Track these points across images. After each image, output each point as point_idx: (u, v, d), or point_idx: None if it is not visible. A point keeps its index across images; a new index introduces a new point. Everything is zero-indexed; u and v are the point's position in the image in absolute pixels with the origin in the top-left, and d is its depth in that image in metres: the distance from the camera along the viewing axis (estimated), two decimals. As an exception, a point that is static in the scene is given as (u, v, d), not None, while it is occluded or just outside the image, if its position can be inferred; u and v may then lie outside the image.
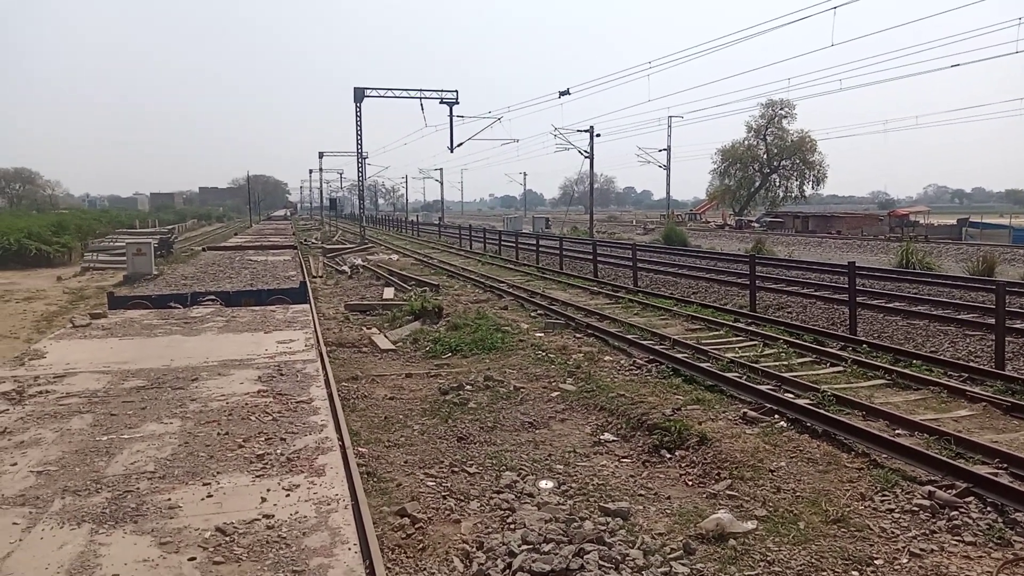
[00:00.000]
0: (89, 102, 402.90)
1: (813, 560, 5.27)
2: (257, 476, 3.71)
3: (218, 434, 4.32)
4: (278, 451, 4.04)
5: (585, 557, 5.13)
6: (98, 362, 6.27)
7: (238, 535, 3.05)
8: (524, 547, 5.31)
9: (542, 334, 14.12)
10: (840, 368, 10.62)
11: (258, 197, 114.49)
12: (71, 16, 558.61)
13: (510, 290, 20.74)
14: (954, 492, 6.07)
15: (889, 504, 6.07)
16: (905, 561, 5.20)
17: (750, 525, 5.78)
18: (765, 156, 73.94)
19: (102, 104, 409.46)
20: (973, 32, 34.25)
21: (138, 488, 3.52)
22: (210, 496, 3.46)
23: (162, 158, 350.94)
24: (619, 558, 5.18)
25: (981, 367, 10.36)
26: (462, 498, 6.52)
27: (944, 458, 6.63)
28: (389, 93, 43.77)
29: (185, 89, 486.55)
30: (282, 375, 5.77)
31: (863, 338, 12.57)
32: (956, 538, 5.46)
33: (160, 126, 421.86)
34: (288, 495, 3.48)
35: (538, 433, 8.41)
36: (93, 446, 4.11)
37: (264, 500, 3.41)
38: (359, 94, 43.63)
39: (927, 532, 5.58)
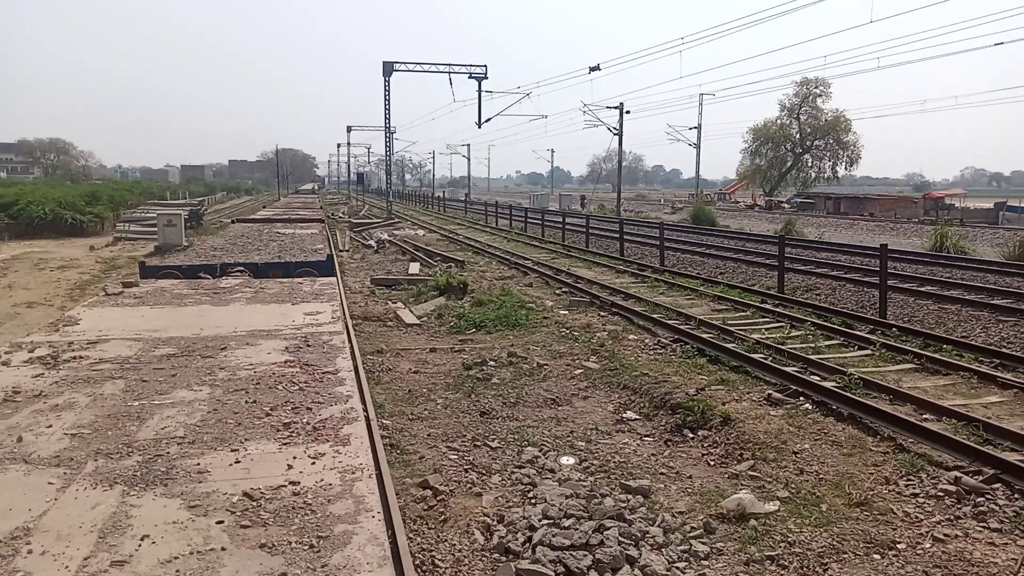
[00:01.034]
0: (123, 77, 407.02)
1: (835, 542, 5.24)
2: (284, 444, 3.77)
3: (246, 402, 4.39)
4: (304, 420, 4.10)
5: (605, 533, 5.15)
6: (130, 330, 6.39)
7: (265, 500, 3.11)
8: (545, 522, 5.35)
9: (566, 312, 14.11)
10: (868, 351, 10.49)
11: (286, 171, 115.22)
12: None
13: (535, 267, 20.72)
14: (981, 478, 6.00)
15: (914, 488, 6.02)
16: (928, 546, 5.16)
17: (772, 506, 5.77)
18: (798, 136, 72.68)
19: (135, 79, 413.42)
20: (1017, 10, 33.18)
21: (168, 452, 3.60)
22: (238, 462, 3.53)
23: (192, 131, 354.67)
24: (639, 535, 5.20)
25: (1014, 353, 10.16)
26: (484, 472, 6.58)
27: (972, 444, 6.54)
28: (418, 67, 43.61)
29: (216, 64, 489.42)
30: (309, 346, 5.84)
31: (893, 322, 12.39)
32: (981, 524, 5.41)
33: (191, 100, 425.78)
34: (314, 463, 3.53)
35: (560, 410, 8.44)
36: (125, 411, 4.20)
37: (290, 467, 3.47)
38: (388, 68, 43.51)
39: (952, 518, 5.53)
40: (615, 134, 49.75)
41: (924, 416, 7.57)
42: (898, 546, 5.17)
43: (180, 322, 6.72)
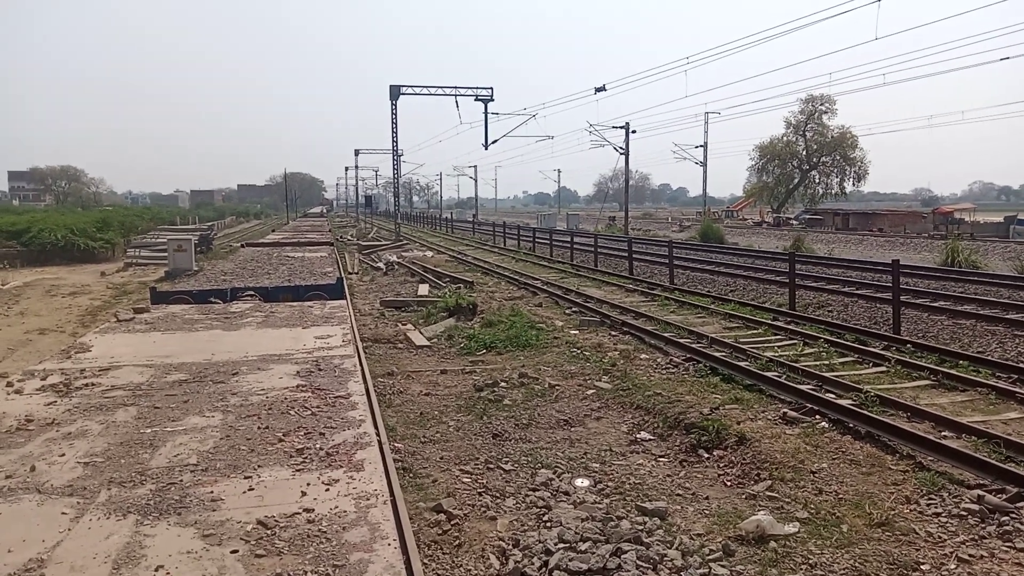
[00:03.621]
0: (132, 102, 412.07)
1: (857, 564, 5.15)
2: (297, 470, 3.73)
3: (259, 428, 4.36)
4: (317, 445, 4.06)
5: (622, 557, 5.08)
6: (141, 356, 6.38)
7: (279, 528, 3.07)
8: (561, 545, 5.28)
9: (577, 331, 14.06)
10: (883, 368, 10.39)
11: (295, 194, 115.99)
12: (114, 19, 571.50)
13: (544, 287, 20.70)
14: (1005, 496, 5.90)
15: (936, 508, 5.92)
16: (953, 567, 5.06)
17: (791, 528, 5.68)
18: (804, 152, 72.62)
19: (144, 104, 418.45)
20: (1023, 24, 33.18)
21: (181, 480, 3.57)
22: (251, 489, 3.48)
23: (202, 156, 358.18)
24: (657, 558, 5.13)
25: (1031, 368, 10.04)
26: (498, 495, 6.51)
27: (994, 461, 6.44)
28: (424, 90, 43.90)
29: (225, 89, 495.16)
30: (320, 370, 5.81)
31: (907, 338, 12.29)
32: (1007, 544, 5.30)
33: (200, 125, 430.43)
34: (328, 489, 3.49)
35: (573, 431, 8.37)
36: (137, 438, 4.18)
37: (304, 494, 3.42)
38: (395, 92, 43.84)
39: (976, 537, 5.42)
40: (621, 153, 49.90)
41: (943, 433, 7.47)
42: (922, 567, 5.07)
43: (191, 347, 6.70)
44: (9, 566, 2.75)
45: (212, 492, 3.44)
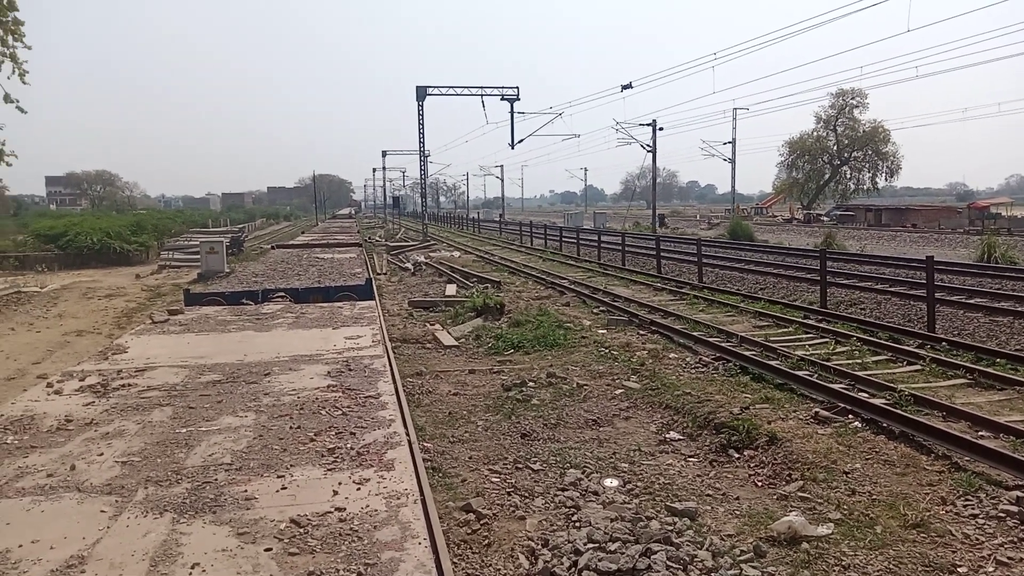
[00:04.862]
0: (165, 109, 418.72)
1: (891, 566, 5.08)
2: (329, 469, 3.77)
3: (291, 428, 4.41)
4: (348, 445, 4.10)
5: (652, 557, 5.06)
6: (176, 357, 6.49)
7: (312, 527, 3.11)
8: (590, 545, 5.28)
9: (605, 331, 14.02)
10: (918, 367, 10.21)
11: (323, 196, 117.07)
12: (150, 28, 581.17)
13: (572, 286, 20.66)
14: (1044, 498, 5.76)
15: (973, 509, 5.81)
16: (991, 570, 4.96)
17: (824, 529, 5.61)
18: (835, 147, 71.60)
19: (177, 110, 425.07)
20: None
21: (216, 479, 3.63)
22: (284, 488, 3.53)
23: (233, 159, 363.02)
24: (687, 559, 5.10)
25: (1072, 367, 9.81)
26: (526, 495, 6.52)
27: (1033, 462, 6.30)
28: (451, 91, 44.06)
29: (255, 94, 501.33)
30: (350, 370, 5.87)
31: (942, 335, 12.06)
32: (1047, 547, 5.19)
33: (231, 129, 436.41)
34: (359, 488, 3.52)
35: (602, 431, 8.35)
36: (173, 438, 4.26)
37: (336, 493, 3.46)
38: (421, 92, 44.06)
39: (1015, 540, 5.31)
40: (648, 151, 49.64)
41: (980, 433, 7.33)
42: (959, 570, 4.99)
43: (224, 348, 6.81)
44: (52, 562, 2.82)
45: (246, 491, 3.49)
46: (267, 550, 2.92)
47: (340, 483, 3.59)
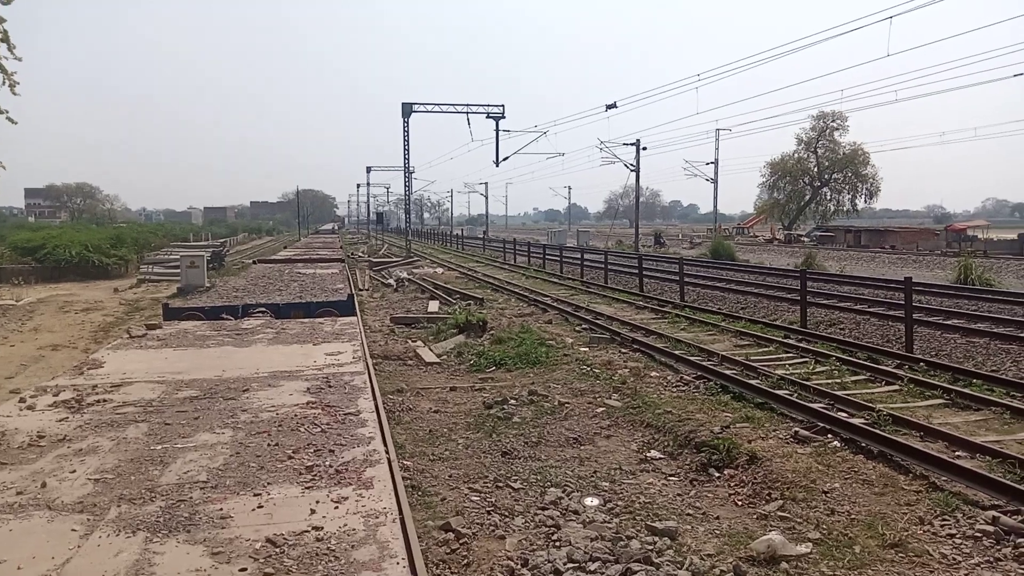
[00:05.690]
0: (146, 121, 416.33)
1: (870, 586, 5.09)
2: (306, 488, 3.73)
3: (268, 445, 4.36)
4: (327, 463, 4.06)
5: (632, 577, 5.04)
6: (153, 372, 6.41)
7: (288, 546, 3.07)
8: (570, 565, 5.25)
9: (587, 349, 14.03)
10: (896, 387, 10.30)
11: (307, 211, 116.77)
12: (131, 37, 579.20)
13: (554, 304, 20.69)
14: (1020, 518, 5.82)
15: (950, 529, 5.85)
16: (968, 590, 4.99)
17: (803, 548, 5.62)
18: (816, 169, 72.59)
19: (159, 123, 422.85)
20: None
21: (191, 497, 3.57)
22: (260, 507, 3.49)
23: (215, 174, 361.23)
24: (667, 579, 5.08)
25: (1047, 388, 9.93)
26: (507, 514, 6.49)
27: (1009, 482, 6.36)
28: (436, 108, 44.23)
29: (239, 108, 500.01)
30: (330, 387, 5.82)
31: (920, 356, 12.19)
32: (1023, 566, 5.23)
33: (214, 143, 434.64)
34: (337, 507, 3.48)
35: (583, 449, 8.33)
36: (148, 455, 4.19)
37: (313, 512, 3.42)
38: (407, 109, 44.18)
39: (991, 559, 5.35)
40: (632, 170, 50.00)
41: (957, 453, 7.39)
42: (936, 590, 5.01)
43: (203, 364, 6.74)
44: (20, 583, 2.76)
45: (221, 509, 3.44)
46: (242, 570, 2.88)
47: (318, 501, 3.55)
